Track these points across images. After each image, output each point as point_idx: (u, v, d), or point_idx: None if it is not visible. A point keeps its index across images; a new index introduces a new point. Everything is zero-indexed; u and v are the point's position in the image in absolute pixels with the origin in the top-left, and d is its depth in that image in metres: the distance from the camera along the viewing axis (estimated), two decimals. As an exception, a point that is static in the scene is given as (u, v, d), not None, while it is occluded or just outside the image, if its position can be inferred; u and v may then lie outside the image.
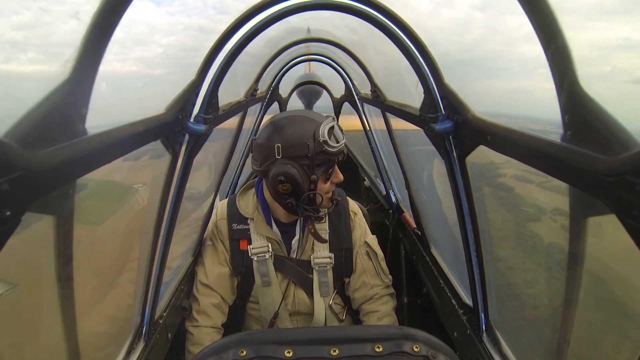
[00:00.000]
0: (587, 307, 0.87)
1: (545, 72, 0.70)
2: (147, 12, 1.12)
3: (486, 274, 1.27)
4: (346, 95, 3.36)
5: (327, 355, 0.95)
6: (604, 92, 0.64)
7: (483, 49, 1.20)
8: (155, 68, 1.28)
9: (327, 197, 1.51)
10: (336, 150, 1.40)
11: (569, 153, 0.69)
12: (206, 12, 1.36)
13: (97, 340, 1.13)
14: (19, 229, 0.54)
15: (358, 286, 1.68)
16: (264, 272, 1.61)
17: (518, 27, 0.84)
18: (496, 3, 1.06)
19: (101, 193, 1.02)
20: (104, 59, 0.67)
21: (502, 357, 1.22)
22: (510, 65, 1.12)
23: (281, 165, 1.39)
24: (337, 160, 1.46)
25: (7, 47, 0.67)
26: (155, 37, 1.23)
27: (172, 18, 1.30)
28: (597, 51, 0.73)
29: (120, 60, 1.03)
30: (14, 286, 0.72)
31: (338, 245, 1.64)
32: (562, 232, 1.03)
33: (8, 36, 0.65)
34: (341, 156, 1.46)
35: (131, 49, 1.06)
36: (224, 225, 1.65)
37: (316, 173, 1.41)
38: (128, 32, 0.98)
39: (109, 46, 0.67)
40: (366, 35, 1.70)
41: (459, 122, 1.14)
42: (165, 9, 1.28)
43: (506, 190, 1.30)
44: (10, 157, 0.49)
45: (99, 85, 0.67)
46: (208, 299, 1.62)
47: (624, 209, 0.57)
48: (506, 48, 1.08)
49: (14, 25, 0.64)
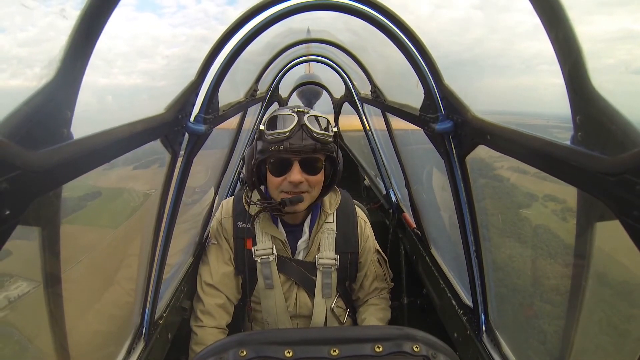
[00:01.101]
0: (587, 307, 0.86)
1: (548, 68, 0.69)
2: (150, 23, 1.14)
3: (486, 274, 1.27)
4: (346, 95, 3.36)
5: (327, 355, 0.95)
6: (616, 91, 0.63)
7: (484, 48, 1.20)
8: (159, 80, 1.30)
9: (282, 194, 1.43)
10: (270, 138, 1.33)
11: (569, 152, 0.69)
12: (208, 22, 1.37)
13: (97, 340, 1.13)
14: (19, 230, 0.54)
15: (371, 290, 1.74)
16: (267, 274, 1.59)
17: (518, 24, 0.84)
18: (495, 1, 1.06)
19: (101, 193, 1.02)
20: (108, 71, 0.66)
21: (502, 357, 1.22)
22: (511, 62, 1.12)
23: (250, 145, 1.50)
24: (275, 150, 1.34)
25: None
26: (159, 48, 1.25)
27: (175, 29, 1.32)
28: (607, 46, 0.71)
29: (126, 74, 1.05)
30: (38, 284, 0.72)
31: (344, 248, 1.63)
32: (562, 232, 1.04)
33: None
34: (279, 147, 1.33)
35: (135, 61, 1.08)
36: (229, 223, 1.64)
37: (256, 157, 1.41)
38: (132, 44, 1.00)
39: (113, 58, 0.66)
40: (366, 36, 1.70)
41: (458, 122, 1.14)
42: (168, 21, 1.30)
43: (506, 190, 1.30)
44: (10, 156, 0.49)
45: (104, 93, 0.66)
46: (213, 300, 1.60)
47: (624, 208, 0.57)
48: (506, 45, 1.08)
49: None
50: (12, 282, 0.75)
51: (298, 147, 1.33)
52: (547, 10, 0.68)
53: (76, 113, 0.64)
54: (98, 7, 0.63)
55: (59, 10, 0.63)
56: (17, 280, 0.76)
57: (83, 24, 0.62)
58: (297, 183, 1.39)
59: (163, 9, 1.30)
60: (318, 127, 1.37)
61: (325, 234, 1.61)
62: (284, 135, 1.32)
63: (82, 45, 0.63)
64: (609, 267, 0.85)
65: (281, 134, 1.33)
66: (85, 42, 0.63)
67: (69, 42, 0.61)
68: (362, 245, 1.67)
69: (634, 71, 0.65)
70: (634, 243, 0.57)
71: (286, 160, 1.38)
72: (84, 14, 0.62)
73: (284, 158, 1.38)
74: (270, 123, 1.36)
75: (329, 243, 1.62)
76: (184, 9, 1.38)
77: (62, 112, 0.62)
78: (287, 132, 1.32)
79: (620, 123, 0.60)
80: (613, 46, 0.70)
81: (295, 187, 1.40)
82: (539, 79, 0.93)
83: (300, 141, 1.33)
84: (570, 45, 0.65)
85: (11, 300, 0.76)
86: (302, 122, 1.34)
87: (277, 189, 1.43)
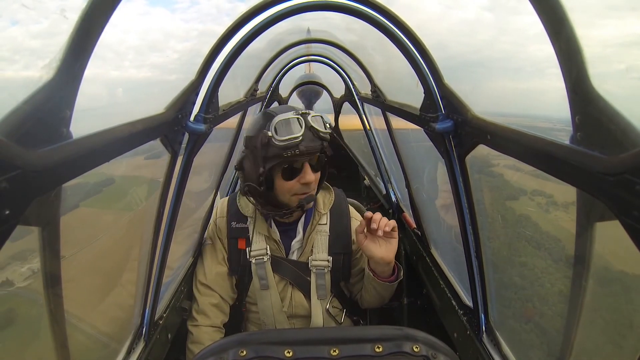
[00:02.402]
0: (588, 307, 0.86)
1: (557, 71, 0.69)
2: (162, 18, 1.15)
3: (486, 274, 1.27)
4: (346, 95, 3.36)
5: (327, 355, 0.95)
6: (617, 91, 0.63)
7: (493, 50, 1.19)
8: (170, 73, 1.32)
9: (295, 197, 1.44)
10: (282, 144, 1.30)
11: (569, 152, 0.69)
12: (220, 18, 1.37)
13: (97, 340, 1.13)
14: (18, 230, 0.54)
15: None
16: (262, 274, 1.60)
17: (527, 27, 0.83)
18: (505, 2, 1.06)
19: (101, 193, 1.02)
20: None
21: (502, 357, 1.22)
22: (520, 65, 1.11)
23: (241, 154, 1.46)
24: (290, 156, 1.32)
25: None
26: (170, 43, 1.26)
27: (187, 25, 1.33)
28: (609, 49, 0.71)
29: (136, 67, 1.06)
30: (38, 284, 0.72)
31: (337, 250, 1.63)
32: (562, 232, 1.04)
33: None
34: (294, 151, 1.31)
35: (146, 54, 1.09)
36: (223, 223, 1.65)
37: (265, 166, 1.36)
38: (144, 38, 1.00)
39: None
40: (366, 36, 1.70)
41: (459, 122, 1.14)
42: (180, 16, 1.31)
43: (506, 190, 1.30)
44: (10, 155, 0.49)
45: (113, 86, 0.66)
46: (207, 299, 1.62)
47: (624, 208, 0.57)
48: (516, 48, 1.08)
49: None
50: (12, 282, 0.75)
51: (311, 149, 1.34)
52: (549, 11, 0.68)
53: (85, 103, 0.65)
54: (98, 6, 0.63)
55: (59, 10, 0.63)
56: (17, 280, 0.76)
57: (83, 23, 0.62)
58: (311, 183, 1.41)
59: (175, 4, 1.30)
60: (322, 126, 1.39)
61: (318, 235, 1.61)
62: (297, 140, 1.31)
63: (81, 44, 0.63)
64: (609, 267, 0.85)
65: (294, 139, 1.31)
66: (85, 41, 0.63)
67: (68, 41, 0.61)
68: (356, 246, 1.66)
69: (634, 71, 0.65)
70: (634, 243, 0.57)
71: (298, 163, 1.40)
72: (85, 13, 0.62)
73: (296, 162, 1.38)
74: (279, 129, 1.33)
75: (322, 244, 1.61)
76: (197, 5, 1.39)
77: (61, 111, 0.62)
78: (299, 136, 1.31)
79: (619, 123, 0.60)
80: (613, 47, 0.70)
81: (308, 187, 1.42)
82: (548, 82, 0.93)
83: (311, 143, 1.34)
84: (571, 46, 0.65)
85: (11, 300, 0.77)
86: (309, 124, 1.35)
87: (289, 193, 1.43)
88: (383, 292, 1.61)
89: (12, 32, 0.66)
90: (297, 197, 1.44)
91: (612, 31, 0.71)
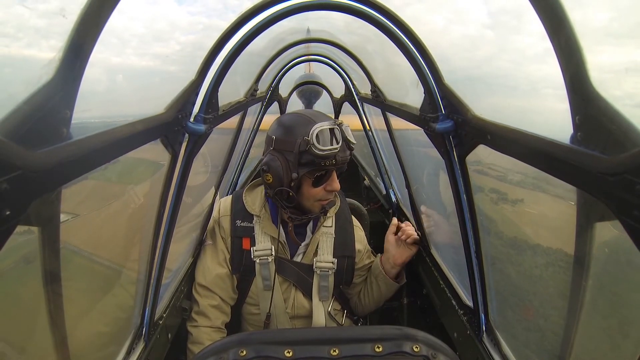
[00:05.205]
0: (588, 308, 0.86)
1: (552, 92, 0.70)
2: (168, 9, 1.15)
3: (486, 274, 1.27)
4: (346, 95, 3.36)
5: (327, 355, 0.95)
6: (617, 92, 0.63)
7: (493, 66, 1.19)
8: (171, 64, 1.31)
9: (318, 203, 1.49)
10: (322, 153, 1.35)
11: (569, 152, 0.69)
12: (226, 14, 1.37)
13: (97, 340, 1.13)
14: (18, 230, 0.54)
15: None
16: (265, 275, 1.59)
17: (527, 47, 0.84)
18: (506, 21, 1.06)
19: (101, 193, 1.02)
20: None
21: (502, 357, 1.22)
22: (517, 83, 1.11)
23: (269, 156, 1.44)
24: (326, 165, 1.39)
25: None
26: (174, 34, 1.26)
27: (192, 17, 1.33)
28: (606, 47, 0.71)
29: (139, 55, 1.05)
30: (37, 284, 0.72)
31: (342, 252, 1.64)
32: (562, 232, 1.03)
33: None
34: (332, 161, 1.38)
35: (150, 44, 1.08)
36: (226, 221, 1.63)
37: (298, 171, 1.39)
38: (149, 27, 1.00)
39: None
40: (366, 35, 1.70)
41: (459, 122, 1.14)
42: (187, 9, 1.31)
43: (507, 190, 1.30)
44: (10, 156, 0.49)
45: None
46: (207, 300, 1.61)
47: (624, 208, 0.57)
48: (514, 66, 1.08)
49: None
50: (12, 282, 0.75)
51: (344, 159, 1.42)
52: (548, 10, 0.68)
53: (90, 86, 0.64)
54: (98, 6, 0.63)
55: (59, 10, 0.63)
56: (17, 279, 0.76)
57: (83, 23, 0.62)
58: (335, 191, 1.49)
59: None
60: (352, 136, 1.44)
61: (323, 237, 1.62)
62: (336, 150, 1.37)
63: (81, 44, 0.63)
64: (609, 267, 0.85)
65: (334, 149, 1.36)
66: (85, 41, 0.63)
67: (68, 41, 0.61)
68: (359, 250, 1.72)
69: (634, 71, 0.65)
70: (634, 243, 0.57)
71: (329, 171, 1.45)
72: (84, 13, 0.62)
73: (329, 170, 1.43)
74: (320, 138, 1.36)
75: (327, 246, 1.62)
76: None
77: (61, 112, 0.62)
78: (338, 147, 1.37)
79: (620, 123, 0.60)
80: (613, 47, 0.70)
81: (331, 194, 1.50)
82: (544, 102, 0.95)
83: (344, 153, 1.41)
84: (571, 45, 0.65)
85: (11, 299, 0.76)
86: (344, 135, 1.40)
87: (313, 198, 1.48)
88: (384, 288, 1.65)
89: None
90: (320, 202, 1.50)
91: (612, 29, 0.71)
